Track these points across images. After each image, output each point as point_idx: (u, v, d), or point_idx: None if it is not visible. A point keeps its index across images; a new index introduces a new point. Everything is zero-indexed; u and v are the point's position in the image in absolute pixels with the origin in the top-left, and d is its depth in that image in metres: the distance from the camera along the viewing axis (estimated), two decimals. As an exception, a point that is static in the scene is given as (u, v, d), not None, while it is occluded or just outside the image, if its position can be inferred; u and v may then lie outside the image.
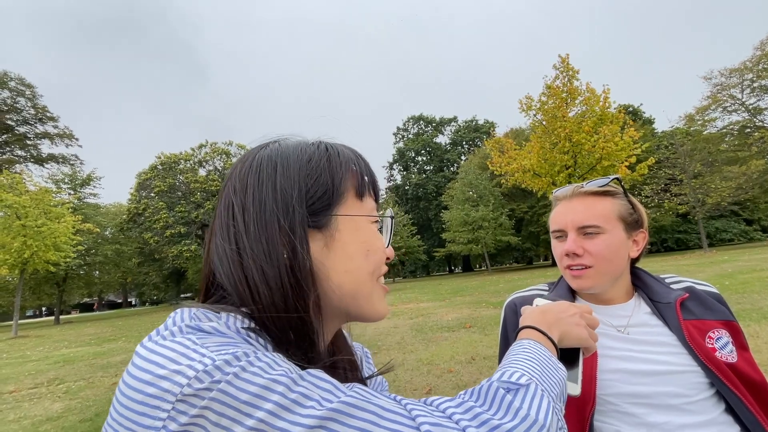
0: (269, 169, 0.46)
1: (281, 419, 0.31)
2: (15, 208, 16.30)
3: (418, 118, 55.42)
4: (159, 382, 0.32)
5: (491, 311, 8.56)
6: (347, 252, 0.46)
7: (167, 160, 30.01)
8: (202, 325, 0.38)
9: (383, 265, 0.51)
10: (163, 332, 0.37)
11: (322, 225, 0.46)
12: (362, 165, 0.51)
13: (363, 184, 0.50)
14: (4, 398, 5.37)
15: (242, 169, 0.47)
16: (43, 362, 8.35)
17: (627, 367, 0.82)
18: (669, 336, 0.83)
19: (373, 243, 0.49)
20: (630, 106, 36.89)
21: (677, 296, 0.87)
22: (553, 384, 0.44)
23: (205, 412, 0.31)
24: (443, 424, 0.35)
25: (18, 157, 34.56)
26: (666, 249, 33.85)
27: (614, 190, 0.92)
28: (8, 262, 16.41)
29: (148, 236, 27.48)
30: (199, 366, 0.32)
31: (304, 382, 0.34)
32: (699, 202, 24.17)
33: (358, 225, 0.48)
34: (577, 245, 0.88)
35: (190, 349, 0.34)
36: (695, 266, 12.83)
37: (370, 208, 0.51)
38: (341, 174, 0.48)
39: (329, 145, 0.50)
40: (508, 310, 1.03)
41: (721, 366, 0.79)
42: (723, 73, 26.71)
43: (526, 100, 17.99)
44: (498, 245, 32.73)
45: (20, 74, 32.58)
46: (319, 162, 0.47)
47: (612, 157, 16.00)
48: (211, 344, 0.35)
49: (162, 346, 0.35)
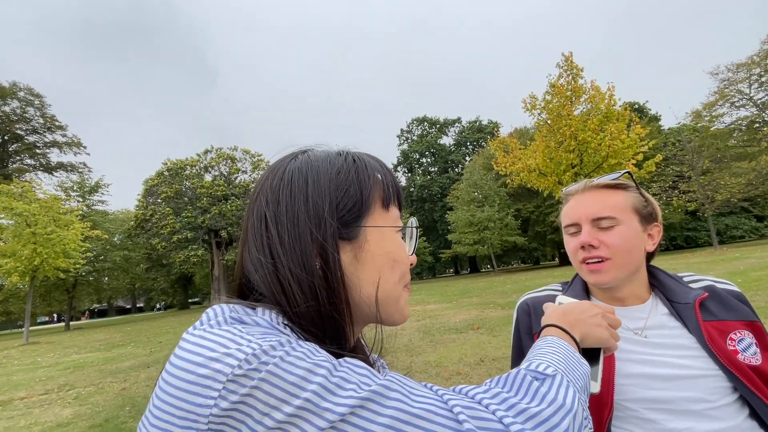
0: (300, 182, 0.48)
1: (325, 400, 0.33)
2: (25, 216, 16.55)
3: (421, 120, 55.37)
4: (211, 364, 0.34)
5: (499, 312, 8.48)
6: (375, 263, 0.49)
7: (174, 166, 30.28)
8: (243, 317, 0.40)
9: (408, 273, 0.53)
10: (208, 323, 0.40)
11: (352, 236, 0.48)
12: (387, 175, 0.53)
13: (388, 195, 0.52)
14: (15, 404, 5.42)
15: (273, 182, 0.49)
16: (53, 368, 8.43)
17: (646, 372, 0.79)
18: (688, 338, 0.80)
19: (399, 253, 0.51)
20: (636, 103, 36.60)
21: (696, 296, 0.83)
22: (577, 377, 0.45)
23: (254, 392, 0.33)
24: (475, 407, 0.36)
25: (28, 165, 35.13)
26: (675, 247, 33.43)
27: (626, 183, 0.90)
28: (19, 269, 16.64)
29: (156, 242, 27.70)
30: (248, 350, 0.34)
31: (343, 367, 0.37)
32: (708, 198, 23.83)
33: (384, 235, 0.50)
34: (592, 237, 0.86)
35: (238, 336, 0.36)
36: (706, 264, 12.63)
37: (394, 217, 0.53)
38: (369, 186, 0.50)
39: (356, 156, 0.52)
40: (521, 311, 1.00)
41: (744, 369, 0.76)
42: (730, 68, 26.38)
43: (530, 99, 17.90)
44: (504, 246, 32.54)
45: (29, 84, 33.18)
46: (348, 174, 0.49)
47: (619, 154, 15.85)
48: (256, 333, 0.37)
49: (210, 333, 0.37)
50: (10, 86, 32.50)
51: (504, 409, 0.36)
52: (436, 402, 0.36)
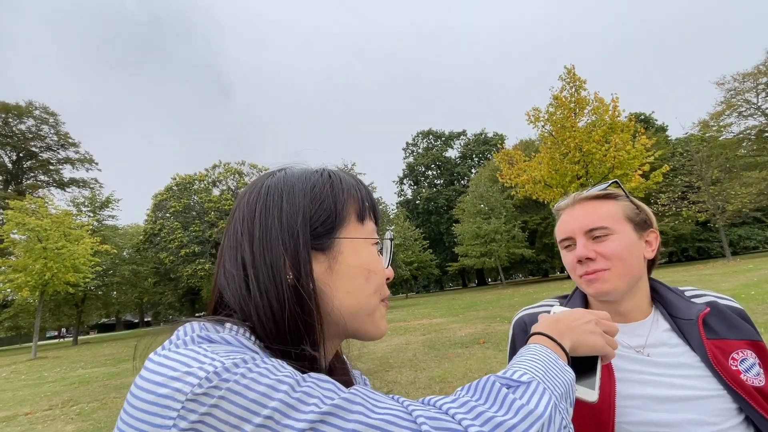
0: (275, 197, 0.48)
1: (287, 416, 0.33)
2: (37, 231, 16.83)
3: (427, 133, 55.78)
4: (171, 383, 0.34)
5: (506, 326, 8.33)
6: (350, 274, 0.49)
7: (182, 181, 30.71)
8: (211, 335, 0.40)
9: (384, 286, 0.53)
10: (175, 341, 0.40)
11: (326, 248, 0.48)
12: (363, 191, 0.53)
13: (364, 209, 0.52)
14: (19, 420, 5.41)
15: (250, 197, 0.50)
16: (59, 383, 8.43)
17: (647, 393, 0.76)
18: (691, 357, 0.77)
19: (374, 264, 0.51)
20: (641, 114, 36.51)
21: (699, 311, 0.80)
22: (557, 384, 0.44)
23: (213, 411, 0.32)
24: (440, 418, 0.36)
25: (41, 182, 35.95)
26: (687, 258, 32.79)
27: (615, 192, 0.88)
28: (29, 284, 16.83)
29: (164, 256, 27.90)
30: (210, 368, 0.34)
31: (307, 382, 0.36)
32: (719, 209, 23.44)
33: (359, 247, 0.50)
34: (588, 249, 0.84)
35: (201, 355, 0.36)
36: (718, 276, 12.35)
37: (370, 230, 0.53)
38: (343, 199, 0.50)
39: (332, 172, 0.53)
40: (517, 328, 0.98)
41: (748, 389, 0.73)
42: (736, 78, 26.31)
43: (533, 111, 17.99)
44: (512, 258, 32.22)
45: (44, 103, 34.24)
46: (323, 188, 0.50)
47: (624, 165, 15.76)
48: (221, 351, 0.37)
49: (175, 353, 0.37)
50: (26, 105, 33.55)
51: (471, 418, 0.36)
52: (400, 413, 0.36)
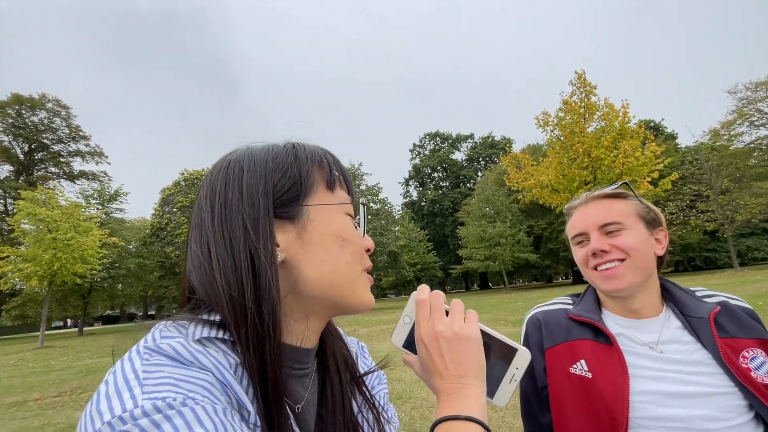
0: (236, 170, 0.46)
1: None
2: (47, 222, 17.08)
3: (434, 135, 55.68)
4: (91, 417, 0.33)
5: (510, 329, 8.33)
6: (322, 243, 0.46)
7: (190, 176, 30.96)
8: (162, 345, 0.37)
9: (365, 256, 0.51)
10: (134, 349, 0.38)
11: (293, 216, 0.46)
12: (330, 159, 0.51)
13: (332, 177, 0.50)
14: (29, 405, 5.51)
15: (212, 174, 0.48)
16: (66, 372, 8.55)
17: (660, 389, 0.78)
18: (703, 354, 0.80)
19: (347, 233, 0.49)
20: (651, 121, 36.19)
21: (710, 309, 0.83)
22: None
23: None
24: None
25: (52, 173, 36.41)
26: (694, 268, 32.41)
27: (626, 192, 0.92)
28: (38, 273, 17.07)
29: (170, 250, 28.15)
30: (118, 410, 0.31)
31: None
32: (728, 219, 23.15)
33: (330, 215, 0.48)
34: (602, 242, 0.87)
35: (127, 386, 0.34)
36: (726, 286, 12.22)
37: (341, 199, 0.50)
38: (308, 167, 0.48)
39: (296, 143, 0.51)
40: (531, 326, 0.98)
41: (759, 387, 0.75)
42: (748, 87, 26.00)
43: (542, 115, 17.92)
44: (516, 262, 32.05)
45: (57, 96, 34.66)
46: (286, 158, 0.48)
47: (633, 172, 15.64)
48: (151, 380, 0.34)
49: (120, 369, 0.36)
50: (39, 97, 34.03)
51: None
52: None
